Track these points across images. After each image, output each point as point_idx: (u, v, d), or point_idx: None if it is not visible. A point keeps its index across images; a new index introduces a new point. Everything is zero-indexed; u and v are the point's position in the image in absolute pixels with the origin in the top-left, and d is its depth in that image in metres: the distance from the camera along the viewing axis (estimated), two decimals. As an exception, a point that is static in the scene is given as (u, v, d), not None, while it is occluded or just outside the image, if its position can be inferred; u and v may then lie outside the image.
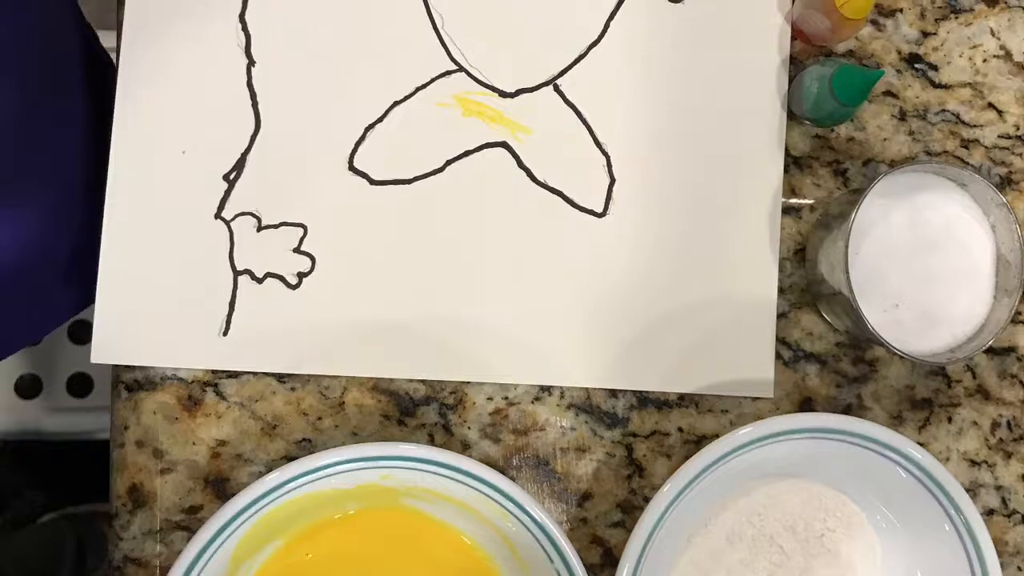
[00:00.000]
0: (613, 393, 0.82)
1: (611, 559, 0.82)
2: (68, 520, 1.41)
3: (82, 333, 1.47)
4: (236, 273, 0.81)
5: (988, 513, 0.84)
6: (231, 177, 0.81)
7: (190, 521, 0.81)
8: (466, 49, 0.82)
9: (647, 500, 0.78)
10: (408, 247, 0.82)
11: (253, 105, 0.82)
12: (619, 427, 0.82)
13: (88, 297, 0.82)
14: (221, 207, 0.81)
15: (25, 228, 0.84)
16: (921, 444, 0.81)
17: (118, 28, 0.82)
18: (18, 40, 0.78)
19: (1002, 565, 0.81)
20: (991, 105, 0.85)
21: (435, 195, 0.82)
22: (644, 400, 0.82)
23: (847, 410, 0.83)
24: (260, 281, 0.81)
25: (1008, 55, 0.85)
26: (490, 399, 0.82)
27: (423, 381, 0.82)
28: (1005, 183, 0.85)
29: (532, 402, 0.82)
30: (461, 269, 0.82)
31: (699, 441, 0.82)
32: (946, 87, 0.85)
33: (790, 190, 0.83)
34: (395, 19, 0.83)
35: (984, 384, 0.84)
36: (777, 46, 0.84)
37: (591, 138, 0.83)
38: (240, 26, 0.82)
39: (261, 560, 0.77)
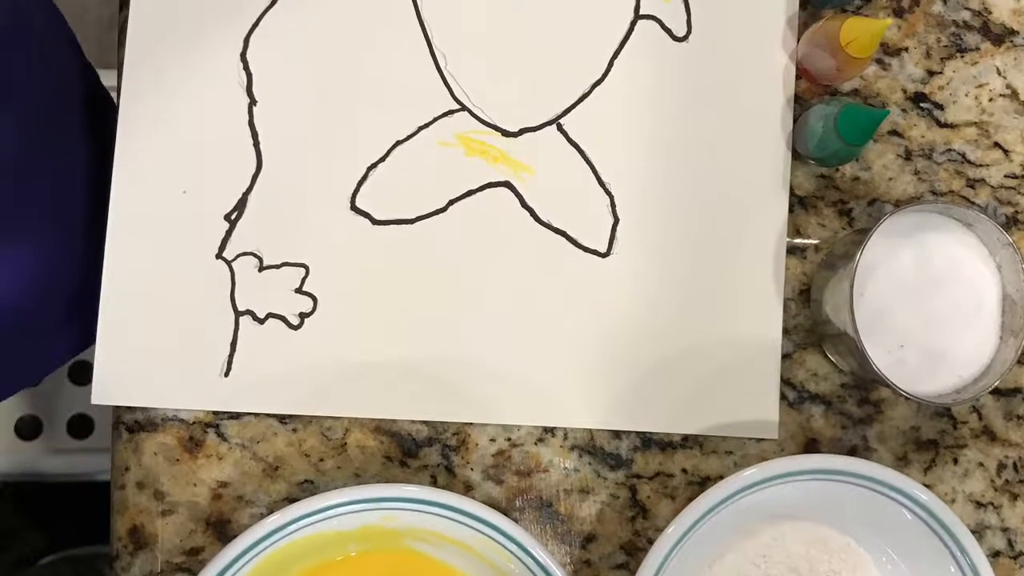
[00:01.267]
0: (616, 434, 0.82)
1: (615, 602, 0.82)
2: (69, 562, 1.40)
3: (82, 374, 1.47)
4: (237, 314, 0.81)
5: (994, 555, 0.83)
6: (232, 217, 0.81)
7: (191, 563, 0.80)
8: (469, 88, 0.82)
9: (651, 542, 0.77)
10: (411, 287, 0.81)
11: (255, 144, 0.81)
12: (623, 468, 0.82)
13: (88, 338, 0.82)
14: (222, 247, 0.81)
15: (25, 268, 0.84)
16: (927, 486, 0.81)
17: (119, 67, 0.82)
18: (19, 78, 0.78)
19: (1010, 608, 0.80)
20: (997, 144, 0.85)
21: (438, 235, 0.82)
22: (648, 441, 0.82)
23: (852, 451, 0.82)
24: (262, 322, 0.81)
25: (1014, 94, 0.85)
26: (493, 440, 0.81)
27: (425, 422, 0.81)
28: (1011, 223, 0.84)
29: (535, 443, 0.81)
30: (464, 310, 0.81)
31: (703, 482, 0.82)
32: (952, 126, 0.85)
33: (795, 230, 0.83)
34: (398, 58, 0.83)
35: (990, 425, 0.83)
36: (782, 85, 0.83)
37: (595, 178, 0.82)
38: (241, 65, 0.82)
39: (262, 603, 0.77)
